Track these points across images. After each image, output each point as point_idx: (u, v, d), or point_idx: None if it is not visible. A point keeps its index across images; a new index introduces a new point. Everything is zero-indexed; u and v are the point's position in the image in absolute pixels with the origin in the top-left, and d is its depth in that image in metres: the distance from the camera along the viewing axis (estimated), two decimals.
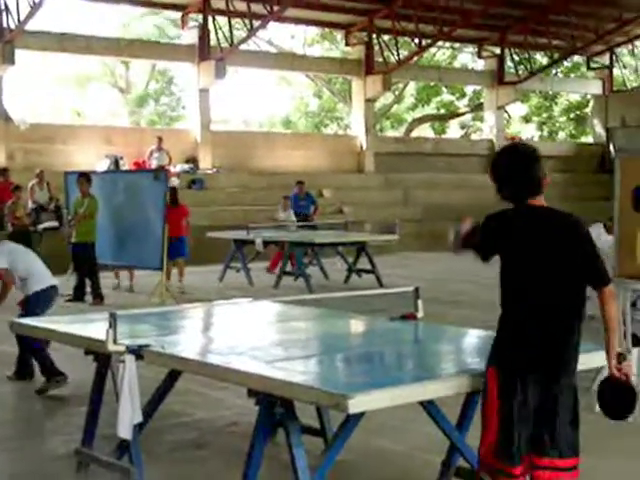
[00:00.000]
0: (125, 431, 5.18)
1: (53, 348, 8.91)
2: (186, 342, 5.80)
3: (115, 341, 5.08)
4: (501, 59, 32.54)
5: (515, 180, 4.14)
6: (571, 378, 4.11)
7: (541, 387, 4.04)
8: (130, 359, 5.05)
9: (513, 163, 4.15)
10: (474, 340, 5.93)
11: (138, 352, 5.05)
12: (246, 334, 6.04)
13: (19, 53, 22.53)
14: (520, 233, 4.12)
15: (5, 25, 22.14)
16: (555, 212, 4.16)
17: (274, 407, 4.43)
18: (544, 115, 43.76)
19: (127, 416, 5.15)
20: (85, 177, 14.61)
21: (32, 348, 8.13)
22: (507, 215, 4.22)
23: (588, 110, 40.82)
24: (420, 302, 5.92)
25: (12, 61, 22.23)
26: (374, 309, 9.71)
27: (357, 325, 6.71)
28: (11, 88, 27.04)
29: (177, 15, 28.31)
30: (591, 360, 4.66)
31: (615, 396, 4.12)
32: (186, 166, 25.30)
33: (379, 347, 5.59)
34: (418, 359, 5.20)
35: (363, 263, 16.78)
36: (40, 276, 8.36)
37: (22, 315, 7.64)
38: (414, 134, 38.71)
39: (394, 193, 28.11)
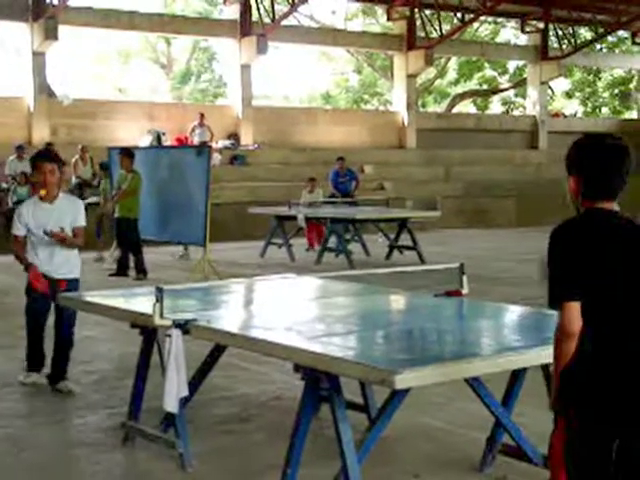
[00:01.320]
0: (171, 404, 5.22)
1: (97, 322, 9.01)
2: (230, 317, 5.83)
3: (162, 315, 5.12)
4: (545, 34, 32.18)
5: (609, 177, 3.39)
6: None
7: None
8: (177, 333, 5.08)
9: (609, 157, 3.41)
10: (519, 317, 5.90)
11: (185, 326, 5.08)
12: (289, 309, 6.06)
13: (62, 29, 22.68)
14: (615, 255, 3.27)
15: (48, 1, 22.27)
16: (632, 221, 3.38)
17: (320, 382, 4.44)
18: (587, 90, 43.24)
19: (173, 390, 5.19)
20: (126, 153, 14.62)
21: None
22: (591, 230, 3.31)
23: (632, 85, 40.29)
24: (465, 278, 5.90)
25: (55, 37, 22.39)
26: (415, 285, 9.70)
27: (400, 301, 6.69)
28: (54, 64, 27.25)
29: None
30: None
31: None
32: (227, 142, 25.37)
33: (424, 323, 5.58)
34: (464, 336, 5.18)
35: (404, 240, 16.74)
36: None
37: None
38: (456, 110, 38.45)
39: (435, 169, 27.99)
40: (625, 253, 3.25)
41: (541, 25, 32.17)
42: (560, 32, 32.61)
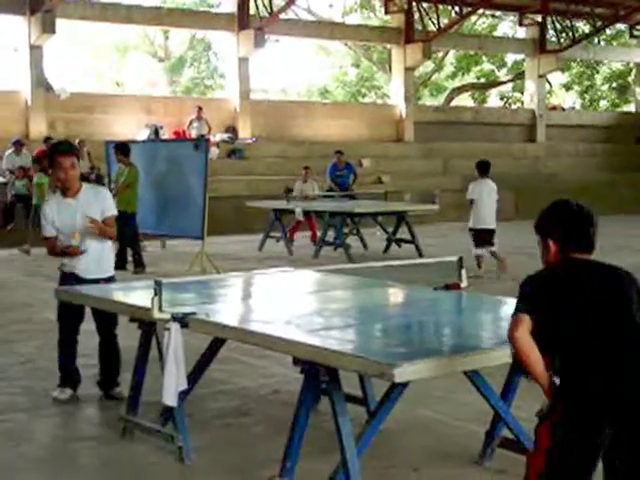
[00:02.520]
0: (170, 398, 5.22)
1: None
2: (229, 310, 5.83)
3: (161, 309, 5.12)
4: (543, 27, 32.15)
5: (584, 232, 3.75)
6: None
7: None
8: (175, 327, 5.08)
9: (585, 213, 3.79)
10: None
11: (183, 320, 5.08)
12: (288, 303, 6.06)
13: (59, 23, 22.61)
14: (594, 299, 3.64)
15: None
16: (608, 267, 3.76)
17: (319, 375, 4.43)
18: (585, 83, 43.23)
19: (172, 383, 5.19)
20: (119, 148, 14.62)
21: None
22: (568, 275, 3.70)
23: (630, 79, 40.30)
24: (464, 272, 5.89)
25: (53, 31, 22.32)
26: (413, 279, 9.70)
27: (399, 295, 6.70)
28: (51, 58, 27.21)
29: None
30: None
31: None
32: (225, 135, 25.34)
33: (423, 317, 5.58)
34: (463, 329, 5.18)
35: (403, 233, 16.74)
36: None
37: None
38: (454, 103, 38.43)
39: (433, 163, 27.98)
40: (597, 294, 3.62)
41: (539, 18, 32.13)
42: (558, 25, 32.56)
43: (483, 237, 13.48)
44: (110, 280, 6.87)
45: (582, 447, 3.57)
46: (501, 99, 43.08)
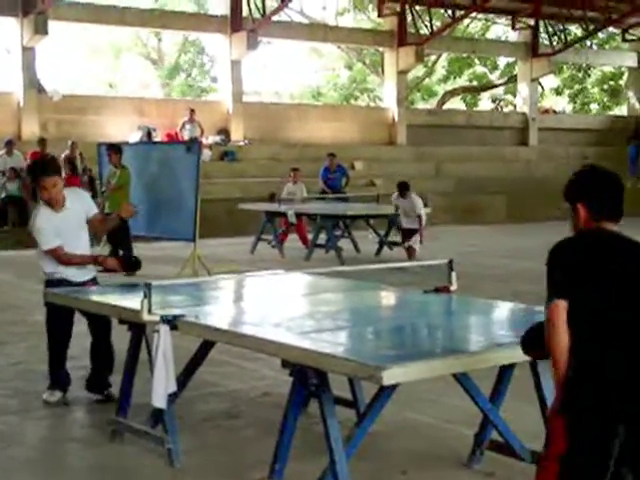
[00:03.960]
0: (159, 400, 5.23)
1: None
2: (219, 313, 5.83)
3: (150, 311, 5.12)
4: (535, 31, 32.22)
5: (617, 199, 3.70)
6: None
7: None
8: (165, 329, 5.09)
9: (614, 181, 3.75)
10: (507, 313, 5.92)
11: (173, 322, 5.08)
12: (279, 305, 6.07)
13: (52, 24, 22.59)
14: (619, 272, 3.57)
15: None
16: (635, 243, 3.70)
17: (308, 378, 4.44)
18: (577, 87, 43.31)
19: (161, 385, 5.20)
20: (112, 149, 14.63)
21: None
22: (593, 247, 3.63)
23: (622, 82, 40.39)
24: (454, 275, 5.90)
25: (45, 32, 22.29)
26: (405, 282, 9.72)
27: (390, 297, 6.70)
28: (44, 59, 27.17)
29: None
30: None
31: None
32: (218, 138, 25.34)
33: (412, 319, 5.59)
34: (452, 332, 5.19)
35: (394, 236, 16.77)
36: None
37: None
38: (446, 107, 38.47)
39: (426, 166, 28.01)
40: (621, 270, 3.55)
41: (531, 22, 32.20)
42: (550, 29, 32.64)
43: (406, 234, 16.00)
44: (94, 280, 6.95)
45: (599, 451, 3.47)
46: (493, 102, 43.14)
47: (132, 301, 5.56)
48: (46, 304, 6.68)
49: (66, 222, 6.72)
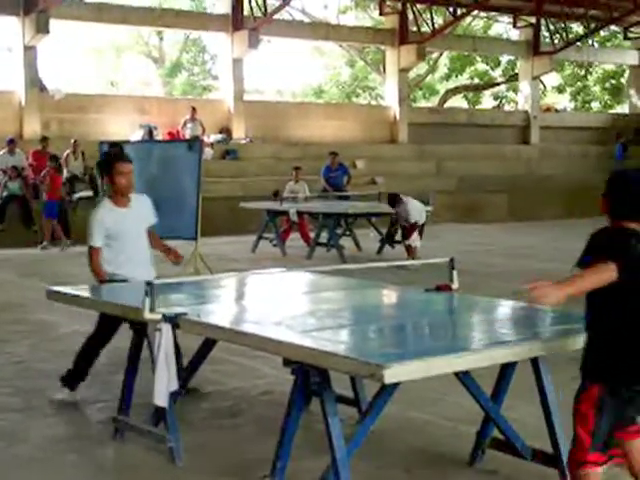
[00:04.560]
0: (161, 399, 5.23)
1: (88, 316, 9.00)
2: (221, 311, 5.83)
3: (152, 309, 5.12)
4: (537, 29, 32.20)
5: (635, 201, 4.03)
6: None
7: None
8: (167, 327, 5.09)
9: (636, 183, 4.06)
10: (508, 311, 5.92)
11: (175, 320, 5.08)
12: (280, 304, 6.06)
13: (54, 23, 22.60)
14: None
15: None
16: None
17: (309, 376, 4.44)
18: (578, 85, 43.29)
19: (163, 384, 5.20)
20: (113, 148, 14.61)
21: None
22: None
23: (624, 80, 40.37)
24: (455, 273, 5.91)
25: (47, 31, 22.30)
26: (406, 280, 9.73)
27: (391, 296, 6.70)
28: (46, 58, 27.19)
29: None
30: None
31: None
32: (219, 136, 25.35)
33: (414, 318, 5.59)
34: (453, 330, 5.20)
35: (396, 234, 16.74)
36: None
37: None
38: (448, 105, 38.47)
39: (427, 164, 28.01)
40: None
41: (533, 20, 32.18)
42: (552, 27, 32.63)
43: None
44: None
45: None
46: (495, 99, 43.13)
47: (134, 300, 5.57)
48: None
49: (128, 221, 6.70)
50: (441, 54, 38.37)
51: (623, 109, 40.15)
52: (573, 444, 4.11)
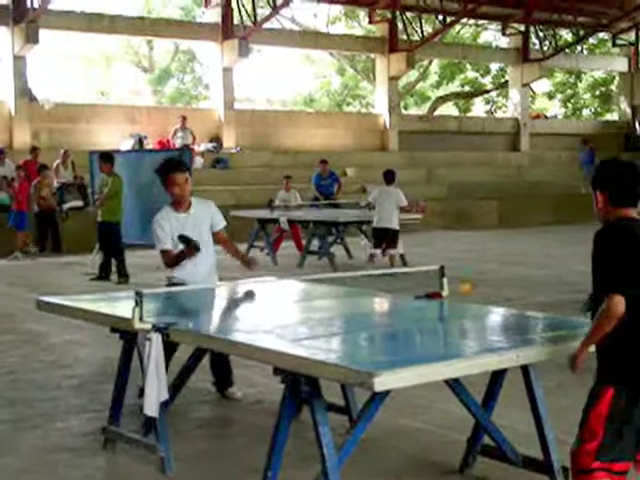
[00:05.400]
0: (151, 408, 5.22)
1: (78, 326, 8.99)
2: (212, 320, 5.84)
3: (141, 319, 5.11)
4: (526, 36, 32.31)
5: (629, 186, 4.09)
6: None
7: None
8: (156, 337, 5.08)
9: (632, 170, 4.10)
10: (499, 318, 5.93)
11: (165, 330, 5.07)
12: (271, 312, 6.06)
13: (43, 33, 22.58)
14: None
15: (29, 4, 22.18)
16: None
17: (300, 385, 4.44)
18: (568, 92, 43.42)
19: (153, 394, 5.19)
20: (103, 158, 14.60)
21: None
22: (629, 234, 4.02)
23: (613, 87, 40.51)
24: (445, 281, 5.91)
25: (36, 40, 22.29)
26: (397, 288, 9.73)
27: (382, 304, 6.70)
28: (35, 68, 27.16)
29: None
30: None
31: None
32: (210, 145, 25.35)
33: (404, 325, 5.59)
34: (444, 337, 5.20)
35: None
36: None
37: None
38: (438, 112, 38.54)
39: (418, 172, 28.03)
40: None
41: (522, 27, 32.30)
42: (541, 34, 32.74)
43: (381, 237, 14.85)
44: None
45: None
46: (487, 103, 43.24)
47: (124, 310, 5.56)
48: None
49: (188, 225, 6.77)
50: (431, 62, 38.47)
51: (613, 116, 40.28)
52: (576, 449, 4.06)
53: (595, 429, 3.96)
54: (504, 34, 33.32)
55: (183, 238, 6.58)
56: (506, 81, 35.89)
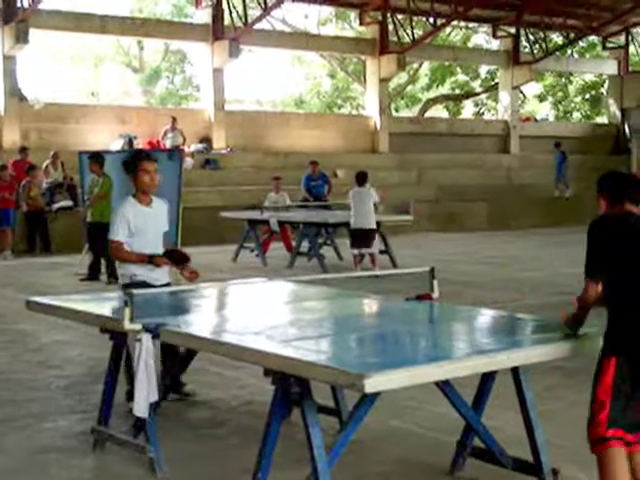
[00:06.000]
0: (141, 409, 5.21)
1: (68, 327, 8.97)
2: (201, 321, 5.81)
3: (131, 320, 5.10)
4: (516, 39, 32.40)
5: (628, 186, 4.62)
6: None
7: None
8: (147, 338, 5.07)
9: (625, 176, 4.78)
10: (489, 320, 5.93)
11: (155, 331, 5.06)
12: (261, 314, 6.05)
13: (33, 32, 22.54)
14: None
15: (19, 4, 22.13)
16: None
17: (290, 386, 4.43)
18: (559, 94, 43.53)
19: (143, 394, 5.18)
20: (94, 158, 14.58)
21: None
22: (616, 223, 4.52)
23: (603, 90, 40.62)
24: (436, 282, 5.91)
25: (26, 40, 22.25)
26: (387, 289, 9.73)
27: (372, 305, 6.70)
28: (25, 68, 27.09)
29: None
30: None
31: None
32: (200, 146, 25.33)
33: (394, 327, 5.59)
34: (434, 339, 5.20)
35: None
36: None
37: None
38: (428, 114, 38.59)
39: (408, 173, 28.08)
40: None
41: (513, 30, 32.37)
42: (531, 37, 32.82)
43: (359, 237, 14.90)
44: (169, 284, 6.95)
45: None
46: (476, 106, 43.31)
47: (113, 310, 5.55)
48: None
49: (150, 220, 6.74)
50: (421, 64, 38.52)
51: (602, 119, 40.40)
52: (590, 421, 4.32)
53: (603, 399, 4.25)
54: (495, 37, 33.40)
55: (177, 253, 6.59)
56: (496, 84, 35.95)
